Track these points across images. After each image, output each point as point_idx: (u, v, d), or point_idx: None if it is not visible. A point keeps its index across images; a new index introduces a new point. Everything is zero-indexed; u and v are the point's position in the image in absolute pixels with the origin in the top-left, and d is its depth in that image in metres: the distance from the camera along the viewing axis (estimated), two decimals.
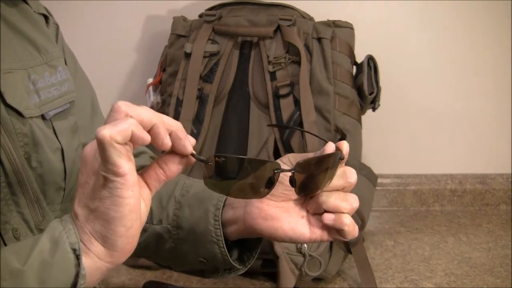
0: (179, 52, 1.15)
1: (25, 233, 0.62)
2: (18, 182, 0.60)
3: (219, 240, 0.64)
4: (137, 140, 0.46)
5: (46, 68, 0.65)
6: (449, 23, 1.35)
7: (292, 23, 1.11)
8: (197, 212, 0.66)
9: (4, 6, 0.63)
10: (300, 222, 0.59)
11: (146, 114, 0.47)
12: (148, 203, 0.51)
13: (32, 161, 0.62)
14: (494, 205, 1.41)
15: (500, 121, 1.39)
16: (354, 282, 1.05)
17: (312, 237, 0.59)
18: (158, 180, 0.52)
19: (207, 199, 0.66)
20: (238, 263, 0.67)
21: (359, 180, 1.11)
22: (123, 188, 0.46)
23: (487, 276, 1.06)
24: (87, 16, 1.32)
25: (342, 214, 0.56)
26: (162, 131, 0.48)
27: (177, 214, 0.68)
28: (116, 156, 0.45)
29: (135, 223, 0.48)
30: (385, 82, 1.17)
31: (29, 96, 0.62)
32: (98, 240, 0.48)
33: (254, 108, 1.10)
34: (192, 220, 0.66)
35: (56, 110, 0.66)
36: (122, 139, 0.45)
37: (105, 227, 0.48)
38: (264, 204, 0.59)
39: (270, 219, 0.59)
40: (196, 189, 0.69)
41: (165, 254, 0.71)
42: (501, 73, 1.37)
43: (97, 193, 0.47)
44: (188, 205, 0.68)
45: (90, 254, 0.49)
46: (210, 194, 0.66)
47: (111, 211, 0.47)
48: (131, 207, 0.47)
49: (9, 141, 0.59)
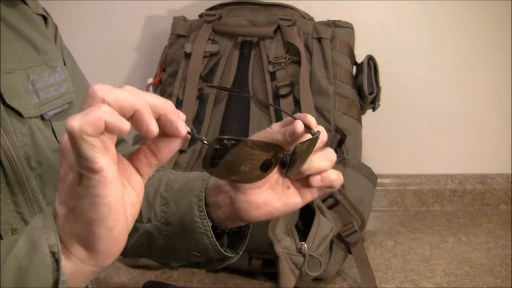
0: (179, 52, 1.15)
1: None
2: (17, 182, 0.60)
3: (207, 231, 0.63)
4: (112, 130, 0.40)
5: (45, 68, 0.66)
6: (450, 23, 1.35)
7: (292, 23, 1.11)
8: (182, 206, 0.64)
9: (3, 6, 0.63)
10: (289, 194, 0.59)
11: (126, 98, 0.41)
12: (140, 193, 0.47)
13: (32, 161, 0.62)
14: (494, 205, 1.41)
15: (500, 121, 1.39)
16: (354, 282, 1.05)
17: (304, 201, 0.59)
18: (149, 166, 0.47)
19: (189, 191, 0.64)
20: (230, 251, 0.66)
21: (359, 180, 1.12)
22: (99, 186, 0.41)
23: (487, 276, 1.06)
24: (87, 16, 1.32)
25: (326, 172, 0.57)
26: (147, 116, 0.42)
27: (164, 210, 0.67)
28: (89, 150, 0.40)
29: (118, 224, 0.43)
30: (385, 82, 1.17)
31: (28, 97, 0.62)
32: (79, 243, 0.44)
33: (254, 108, 1.10)
34: (179, 215, 0.65)
35: (55, 110, 0.66)
36: (94, 131, 0.39)
37: (85, 229, 0.43)
38: (250, 196, 0.58)
39: (262, 207, 0.59)
40: (180, 183, 0.67)
41: (158, 251, 0.70)
42: (501, 73, 1.37)
43: (74, 190, 0.43)
44: (173, 200, 0.66)
45: (71, 257, 0.44)
46: (192, 185, 0.65)
47: (88, 211, 0.42)
48: (111, 207, 0.42)
49: (8, 141, 0.59)
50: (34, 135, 0.62)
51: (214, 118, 1.11)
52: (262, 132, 0.60)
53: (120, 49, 1.34)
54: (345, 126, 1.09)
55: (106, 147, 0.41)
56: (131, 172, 0.47)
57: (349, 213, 1.05)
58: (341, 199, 1.04)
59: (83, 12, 1.32)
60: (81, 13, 1.32)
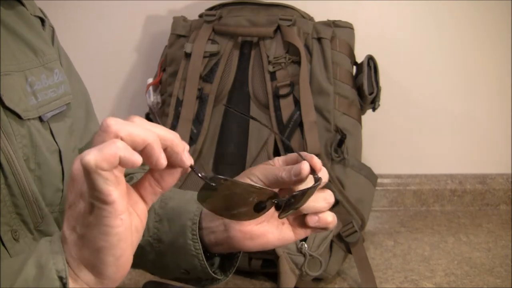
0: (179, 52, 1.15)
1: (24, 234, 0.62)
2: (17, 183, 0.60)
3: (198, 254, 0.64)
4: (126, 164, 0.42)
5: (43, 70, 0.66)
6: (450, 23, 1.35)
7: (292, 23, 1.11)
8: (175, 226, 0.66)
9: (1, 8, 0.63)
10: (284, 229, 0.60)
11: (138, 133, 0.43)
12: (143, 218, 0.49)
13: (31, 162, 0.62)
14: (494, 205, 1.41)
15: (500, 121, 1.39)
16: (354, 282, 1.05)
17: (297, 237, 0.60)
18: (154, 193, 0.49)
19: (184, 213, 0.66)
20: (220, 272, 0.68)
21: (359, 180, 1.12)
22: (111, 217, 0.43)
23: (487, 276, 1.06)
24: (86, 16, 1.32)
25: (323, 213, 0.58)
26: (157, 150, 0.44)
27: (157, 227, 0.68)
28: (103, 184, 0.42)
29: (125, 252, 0.45)
30: (385, 82, 1.17)
31: (26, 98, 0.62)
32: (86, 267, 0.45)
33: (254, 108, 1.10)
34: (172, 234, 0.66)
35: (53, 112, 0.66)
36: (109, 166, 0.41)
37: (93, 256, 0.45)
38: (245, 226, 0.60)
39: (256, 238, 0.60)
40: (174, 202, 0.69)
41: (149, 264, 0.71)
42: (501, 73, 1.37)
43: (84, 219, 0.44)
44: (167, 219, 0.67)
45: (78, 281, 0.46)
46: (187, 208, 0.66)
47: (98, 239, 0.44)
48: (121, 236, 0.44)
49: (8, 143, 0.59)
50: (32, 137, 0.62)
51: (214, 118, 1.11)
52: (265, 166, 0.60)
53: (120, 49, 1.34)
54: (345, 126, 1.09)
55: (118, 181, 0.43)
56: (137, 200, 0.48)
57: (349, 213, 1.05)
58: (341, 199, 1.04)
59: (83, 12, 1.32)
60: (81, 13, 1.32)
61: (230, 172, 1.09)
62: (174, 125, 1.09)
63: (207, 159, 1.10)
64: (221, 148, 1.11)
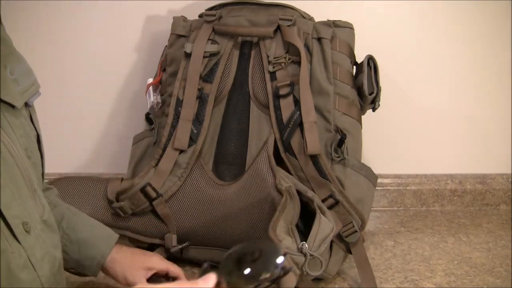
0: (179, 52, 1.15)
1: (34, 226, 0.62)
2: (21, 174, 0.61)
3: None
4: None
5: (14, 57, 0.67)
6: (449, 23, 1.35)
7: (292, 23, 1.11)
8: (85, 251, 0.86)
9: None
10: None
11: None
12: None
13: (28, 151, 0.63)
14: (494, 205, 1.41)
15: (500, 121, 1.39)
16: (354, 282, 1.05)
17: None
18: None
19: (93, 247, 0.86)
20: None
21: (359, 180, 1.12)
22: None
23: (487, 276, 1.06)
24: (86, 16, 1.32)
25: None
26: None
27: (64, 243, 0.83)
28: None
29: None
30: (385, 82, 1.17)
31: (13, 86, 0.63)
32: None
33: (254, 108, 1.10)
34: (80, 255, 0.86)
35: (34, 97, 0.68)
36: None
37: None
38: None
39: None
40: (85, 234, 0.86)
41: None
42: (501, 73, 1.37)
43: None
44: (77, 243, 0.85)
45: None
46: (95, 243, 0.87)
47: None
48: None
49: (6, 135, 0.60)
50: (24, 126, 0.64)
51: (214, 118, 1.11)
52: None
53: (120, 49, 1.34)
54: (345, 126, 1.09)
55: None
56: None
57: (349, 213, 1.05)
58: (341, 199, 1.04)
59: (83, 12, 1.31)
60: (81, 13, 1.31)
61: (230, 172, 1.09)
62: (174, 125, 1.09)
63: (207, 159, 1.10)
64: (221, 148, 1.10)
